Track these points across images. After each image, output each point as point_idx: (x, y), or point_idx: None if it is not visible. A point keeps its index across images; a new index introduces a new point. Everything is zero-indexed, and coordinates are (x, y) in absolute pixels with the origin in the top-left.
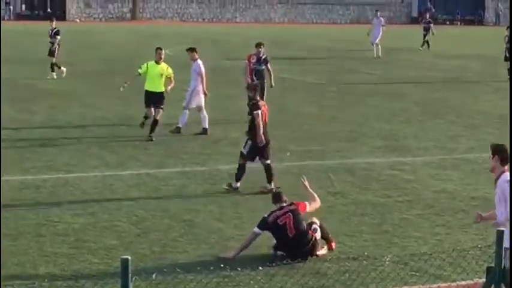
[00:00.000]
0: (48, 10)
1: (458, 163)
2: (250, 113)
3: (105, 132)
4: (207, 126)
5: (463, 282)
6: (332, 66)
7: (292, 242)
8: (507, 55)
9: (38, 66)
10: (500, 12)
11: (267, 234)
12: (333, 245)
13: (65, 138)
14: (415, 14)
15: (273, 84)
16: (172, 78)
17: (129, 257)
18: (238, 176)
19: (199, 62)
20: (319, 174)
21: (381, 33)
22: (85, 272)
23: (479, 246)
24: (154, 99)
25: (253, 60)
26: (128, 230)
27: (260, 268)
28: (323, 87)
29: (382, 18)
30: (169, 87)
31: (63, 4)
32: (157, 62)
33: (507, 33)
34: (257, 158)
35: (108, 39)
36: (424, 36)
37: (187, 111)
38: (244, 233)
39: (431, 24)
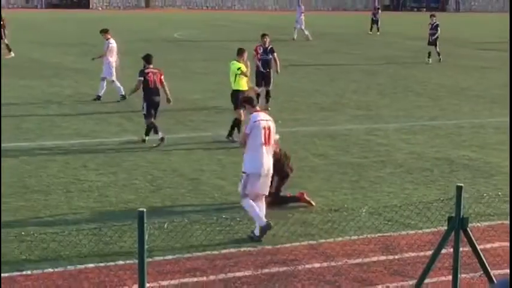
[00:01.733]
0: (75, 0)
1: (424, 129)
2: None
3: (123, 103)
4: (123, 93)
5: (428, 230)
6: (316, 48)
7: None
8: (430, 40)
9: (66, 48)
10: (460, 1)
11: None
12: None
13: (89, 108)
14: (387, 2)
15: (279, 71)
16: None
17: (144, 210)
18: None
19: (111, 40)
20: (306, 139)
21: (302, 18)
22: (107, 222)
23: (441, 199)
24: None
25: (260, 51)
26: (144, 187)
27: None
28: (309, 65)
29: (302, 7)
30: None
31: None
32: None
33: (431, 21)
34: None
35: (125, 24)
36: (373, 21)
37: (104, 82)
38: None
39: (379, 11)
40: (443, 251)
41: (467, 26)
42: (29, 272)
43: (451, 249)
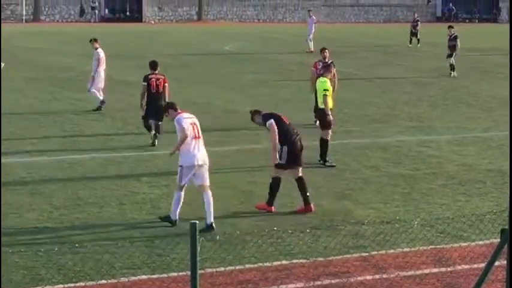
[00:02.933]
0: (127, 13)
1: (476, 140)
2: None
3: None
4: (101, 99)
5: (481, 242)
6: (366, 60)
7: None
8: (449, 52)
9: (118, 61)
10: None
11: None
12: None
13: (141, 122)
14: (439, 14)
15: (336, 88)
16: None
17: (197, 222)
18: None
19: (99, 50)
20: (357, 151)
21: (313, 30)
22: (160, 234)
23: (494, 211)
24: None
25: (319, 66)
26: (196, 199)
27: (308, 230)
28: (359, 78)
29: (314, 17)
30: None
31: (140, 8)
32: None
33: (449, 32)
34: None
35: (178, 37)
36: (412, 33)
37: (95, 91)
38: (295, 201)
39: (419, 23)
40: (497, 263)
41: None
42: (82, 284)
43: (504, 262)
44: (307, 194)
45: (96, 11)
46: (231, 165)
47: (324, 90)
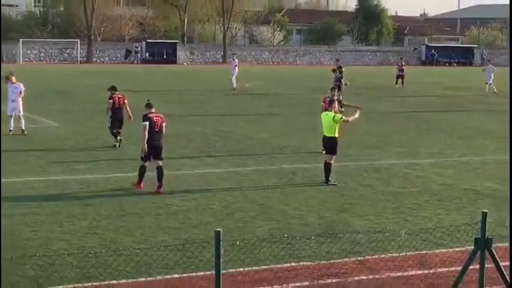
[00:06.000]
0: (164, 56)
1: (455, 164)
2: None
3: (203, 142)
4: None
5: (458, 249)
6: (362, 96)
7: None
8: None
9: (154, 95)
10: (485, 57)
11: None
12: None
13: (174, 146)
14: (423, 58)
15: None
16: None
17: (221, 230)
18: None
19: (17, 84)
20: (355, 172)
21: (236, 70)
22: (190, 239)
23: (469, 223)
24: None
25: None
26: (220, 211)
27: (313, 237)
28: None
29: (236, 60)
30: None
31: (174, 52)
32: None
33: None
34: None
35: (205, 76)
36: (398, 76)
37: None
38: (302, 213)
39: (404, 67)
40: (471, 267)
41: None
42: (124, 281)
43: (478, 266)
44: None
45: (139, 55)
46: (249, 183)
47: (334, 120)
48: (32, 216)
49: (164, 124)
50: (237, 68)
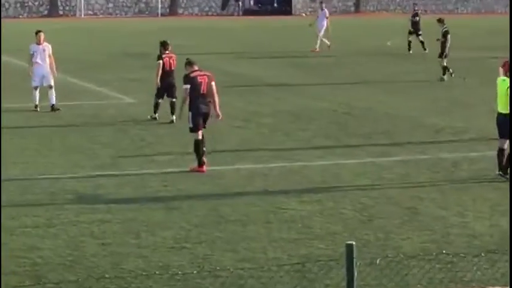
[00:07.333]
0: (275, 5)
1: None
2: None
3: (329, 122)
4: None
5: None
6: None
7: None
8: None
9: (265, 60)
10: None
11: None
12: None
13: (290, 128)
14: None
15: None
16: None
17: (354, 243)
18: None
19: (44, 45)
20: None
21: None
22: (311, 256)
23: None
24: None
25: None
26: (353, 217)
27: (482, 255)
28: None
29: (326, 10)
30: None
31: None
32: None
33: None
34: None
35: (334, 32)
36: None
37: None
38: (467, 220)
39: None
40: None
41: None
42: None
43: None
44: None
45: (240, 3)
46: (394, 178)
47: (507, 89)
48: (99, 225)
49: (213, 83)
50: (326, 21)
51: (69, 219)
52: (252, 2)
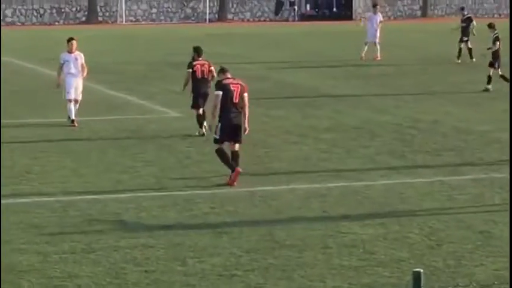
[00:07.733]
0: (334, 9)
1: None
2: None
3: (393, 138)
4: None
5: None
6: None
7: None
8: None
9: (324, 70)
10: None
11: None
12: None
13: (350, 144)
14: None
15: None
16: None
17: (421, 270)
18: None
19: (77, 54)
20: None
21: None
22: (374, 285)
23: None
24: None
25: None
26: (420, 242)
27: None
28: None
29: (380, 14)
30: None
31: (349, 3)
32: None
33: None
34: None
35: (398, 39)
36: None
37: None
38: None
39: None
40: None
41: None
42: None
43: None
44: None
45: (296, 8)
46: (465, 199)
47: None
48: (142, 250)
49: (246, 94)
50: (378, 27)
51: (109, 244)
52: (308, 7)
